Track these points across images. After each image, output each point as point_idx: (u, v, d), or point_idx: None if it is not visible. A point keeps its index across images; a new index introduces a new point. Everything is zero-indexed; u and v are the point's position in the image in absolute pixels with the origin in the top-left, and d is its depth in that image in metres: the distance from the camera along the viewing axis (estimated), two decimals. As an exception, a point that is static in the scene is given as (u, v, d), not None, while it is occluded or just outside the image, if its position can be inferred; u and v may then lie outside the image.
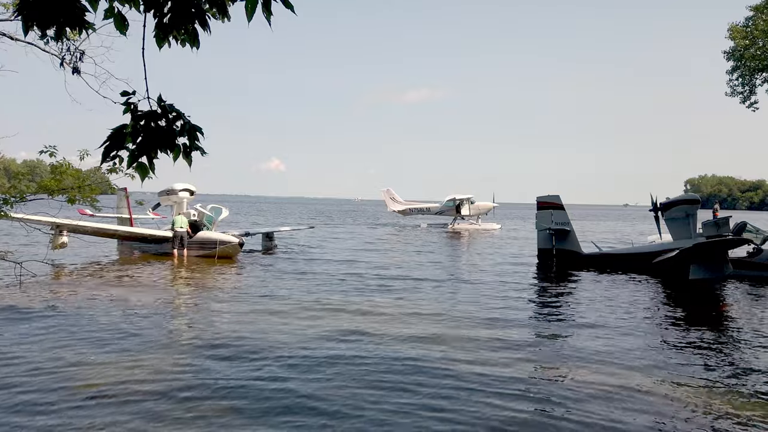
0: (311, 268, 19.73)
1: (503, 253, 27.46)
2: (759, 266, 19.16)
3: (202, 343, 9.48)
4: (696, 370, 8.66)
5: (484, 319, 11.96)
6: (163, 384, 7.39)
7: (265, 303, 13.16)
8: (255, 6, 3.01)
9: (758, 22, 23.93)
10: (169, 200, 23.16)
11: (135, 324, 10.80)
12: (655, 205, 20.85)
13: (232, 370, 7.98)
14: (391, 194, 52.73)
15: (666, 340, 10.67)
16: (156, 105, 3.09)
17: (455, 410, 6.71)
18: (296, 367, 8.16)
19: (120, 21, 3.28)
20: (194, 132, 3.13)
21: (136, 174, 3.11)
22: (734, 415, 6.80)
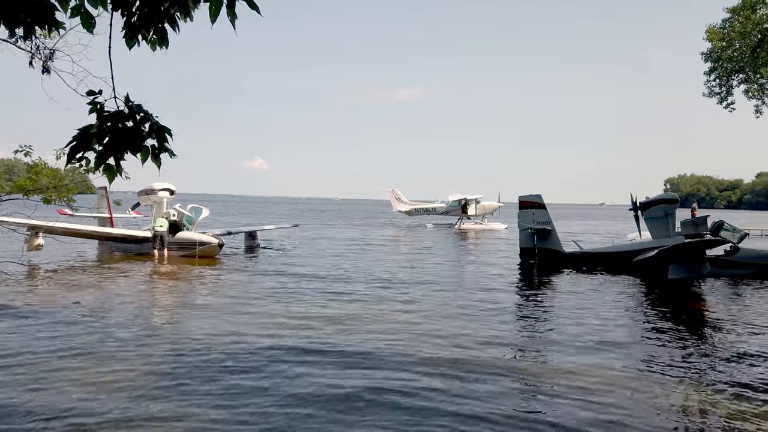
0: (293, 269, 19.32)
1: (493, 252, 27.58)
2: (736, 264, 19.48)
3: (176, 347, 9.27)
4: (675, 366, 8.75)
5: (465, 317, 11.99)
6: (135, 388, 7.27)
7: (242, 307, 12.68)
8: (219, 8, 2.95)
9: (735, 24, 24.32)
10: (149, 200, 22.91)
11: (108, 327, 10.61)
12: (634, 205, 21.09)
13: (205, 376, 7.81)
14: (397, 194, 52.69)
15: (644, 338, 10.77)
16: (123, 105, 3.01)
17: (433, 409, 6.70)
18: (267, 377, 8.00)
19: (87, 19, 3.20)
20: (163, 133, 3.07)
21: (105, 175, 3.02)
22: (711, 410, 6.88)
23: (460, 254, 26.85)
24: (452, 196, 49.32)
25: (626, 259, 19.94)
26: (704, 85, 26.28)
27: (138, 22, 3.12)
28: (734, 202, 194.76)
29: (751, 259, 19.77)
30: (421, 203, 53.05)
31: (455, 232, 42.89)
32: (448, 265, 21.68)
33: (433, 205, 51.28)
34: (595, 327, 11.42)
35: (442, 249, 28.87)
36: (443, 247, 30.01)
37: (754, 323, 12.16)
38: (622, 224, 50.40)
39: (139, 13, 3.13)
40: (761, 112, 25.72)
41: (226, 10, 3.06)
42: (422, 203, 52.99)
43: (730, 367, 8.79)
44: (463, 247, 31.03)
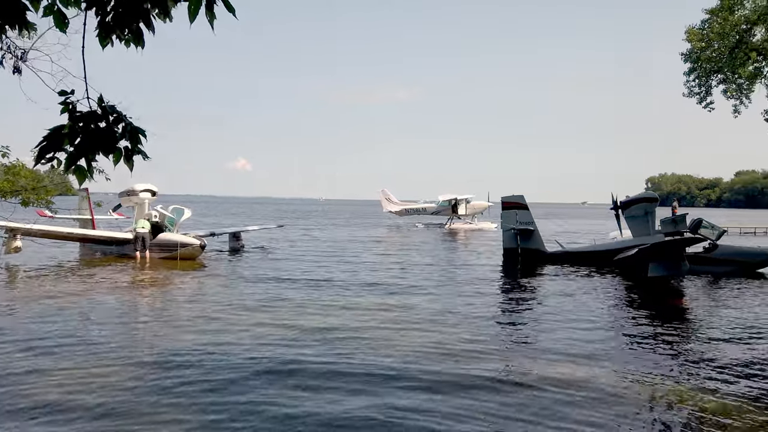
0: (277, 273, 18.82)
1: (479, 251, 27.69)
2: (714, 261, 19.78)
3: (155, 352, 9.12)
4: (654, 362, 8.85)
5: (446, 316, 12.02)
6: (114, 394, 7.17)
7: (223, 310, 12.32)
8: (198, 8, 2.92)
9: (713, 25, 24.67)
10: (130, 201, 22.64)
11: (88, 331, 10.47)
12: (615, 204, 21.33)
13: (184, 380, 7.68)
14: (387, 195, 52.72)
15: (625, 334, 10.89)
16: (97, 106, 2.96)
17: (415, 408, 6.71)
18: (245, 378, 7.95)
19: (60, 19, 3.15)
20: (137, 135, 3.02)
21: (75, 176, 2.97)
22: (690, 405, 6.97)
23: (448, 255, 26.82)
24: (442, 196, 49.52)
25: (608, 258, 20.16)
26: (684, 86, 26.69)
27: (112, 22, 3.07)
28: (714, 200, 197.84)
29: (730, 256, 20.09)
30: (411, 203, 53.11)
31: (445, 232, 42.96)
32: (435, 267, 21.45)
33: (423, 205, 51.40)
34: (577, 325, 11.51)
35: (430, 250, 28.80)
36: (431, 248, 29.93)
37: (732, 319, 12.35)
38: (603, 222, 50.87)
39: (114, 13, 3.08)
40: (739, 111, 26.16)
41: (204, 10, 3.03)
42: (412, 203, 53.04)
43: (708, 362, 8.91)
44: (451, 248, 31.02)
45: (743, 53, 23.72)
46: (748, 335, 10.89)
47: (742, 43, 23.82)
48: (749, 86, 25.46)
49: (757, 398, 7.33)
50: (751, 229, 44.75)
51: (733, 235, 34.98)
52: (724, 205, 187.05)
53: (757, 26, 23.76)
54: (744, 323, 11.97)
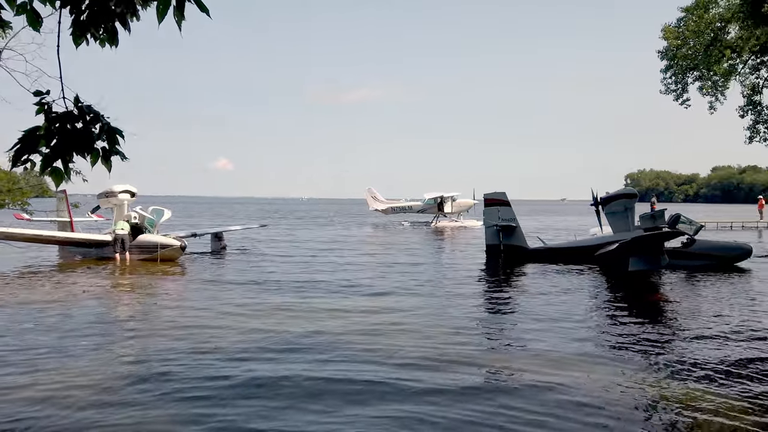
0: (261, 274, 18.33)
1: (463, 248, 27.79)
2: (692, 256, 20.12)
3: (132, 362, 8.77)
4: (634, 357, 8.99)
5: (430, 318, 12.06)
6: (86, 409, 7.04)
7: (203, 317, 11.65)
8: (167, 8, 2.89)
9: (689, 23, 25.10)
10: (109, 203, 22.33)
11: (62, 341, 10.25)
12: (595, 200, 21.57)
13: (161, 393, 7.52)
14: (373, 193, 52.63)
15: (606, 330, 11.03)
16: (73, 106, 2.92)
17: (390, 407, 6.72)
18: (231, 388, 7.89)
19: (33, 17, 3.09)
20: (114, 135, 2.98)
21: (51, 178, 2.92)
22: (669, 401, 7.08)
23: (433, 253, 26.76)
24: (428, 194, 49.65)
25: (589, 253, 20.38)
26: (661, 83, 27.11)
27: (87, 21, 3.03)
28: (691, 195, 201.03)
29: (707, 250, 20.45)
30: (397, 202, 53.13)
31: (431, 230, 43.03)
32: (420, 266, 21.05)
33: (409, 203, 51.44)
34: (560, 320, 11.62)
35: (415, 249, 28.54)
36: (417, 247, 29.73)
37: (709, 312, 12.58)
38: (582, 219, 51.38)
39: (89, 12, 3.04)
40: (715, 108, 26.65)
41: (173, 11, 2.99)
42: (398, 202, 53.06)
43: (688, 357, 9.07)
44: (437, 246, 31.02)
45: (718, 51, 24.17)
46: (726, 329, 11.09)
47: (717, 41, 24.27)
48: (724, 83, 25.98)
49: (737, 393, 7.47)
50: (727, 224, 45.57)
51: (710, 230, 35.59)
52: (701, 200, 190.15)
53: (732, 24, 24.23)
54: (721, 317, 12.18)
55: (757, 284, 16.90)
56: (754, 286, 16.65)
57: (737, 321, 11.68)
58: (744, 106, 26.47)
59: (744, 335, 10.47)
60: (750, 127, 26.33)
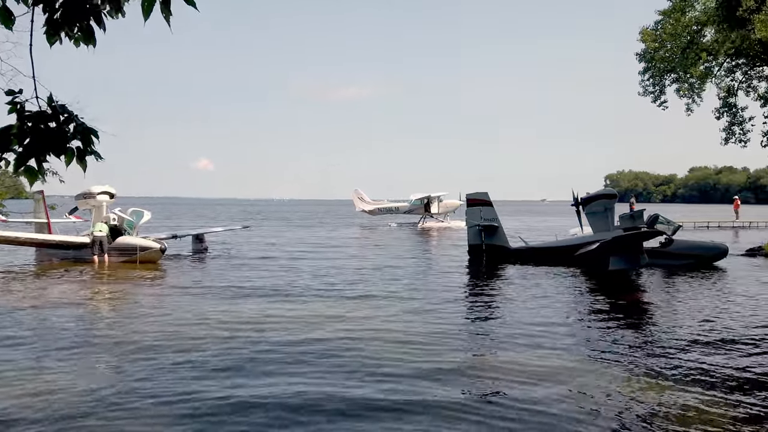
0: (243, 279, 17.42)
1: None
2: (670, 255, 20.46)
3: (104, 379, 8.30)
4: (613, 354, 9.09)
5: (414, 312, 12.09)
6: (67, 404, 6.96)
7: (182, 327, 10.85)
8: (153, 4, 2.85)
9: (666, 26, 25.53)
10: (87, 204, 21.99)
11: (41, 339, 10.12)
12: (576, 200, 21.80)
13: (132, 416, 7.42)
14: (359, 194, 52.44)
15: (587, 328, 11.16)
16: (46, 105, 2.87)
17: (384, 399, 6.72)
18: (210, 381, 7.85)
19: (6, 15, 3.03)
20: (88, 135, 2.93)
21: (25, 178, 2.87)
22: (646, 397, 7.18)
23: (420, 255, 26.44)
24: (414, 195, 49.68)
25: (569, 253, 20.59)
26: (639, 85, 27.56)
27: (61, 19, 2.98)
28: (669, 196, 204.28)
29: (685, 250, 20.81)
30: (384, 203, 53.04)
31: (418, 231, 43.04)
32: (405, 270, 20.46)
33: (396, 204, 51.40)
34: (542, 320, 11.71)
35: (402, 251, 28.17)
36: (404, 249, 29.46)
37: (687, 311, 12.79)
38: (563, 219, 51.82)
39: (63, 10, 2.99)
40: (692, 110, 27.15)
41: (160, 6, 2.96)
42: (385, 203, 52.97)
43: (667, 352, 9.21)
44: (424, 248, 30.80)
45: (694, 53, 24.65)
46: (703, 328, 11.28)
47: (693, 44, 24.75)
48: (700, 85, 26.51)
49: (712, 386, 7.60)
50: (704, 224, 46.38)
51: (688, 230, 36.14)
52: (679, 200, 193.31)
53: (707, 27, 24.73)
54: (699, 316, 12.38)
55: (733, 283, 17.22)
56: (729, 284, 16.96)
57: (714, 320, 11.88)
58: (720, 108, 27.04)
59: (720, 334, 10.65)
60: (726, 128, 26.90)
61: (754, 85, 26.76)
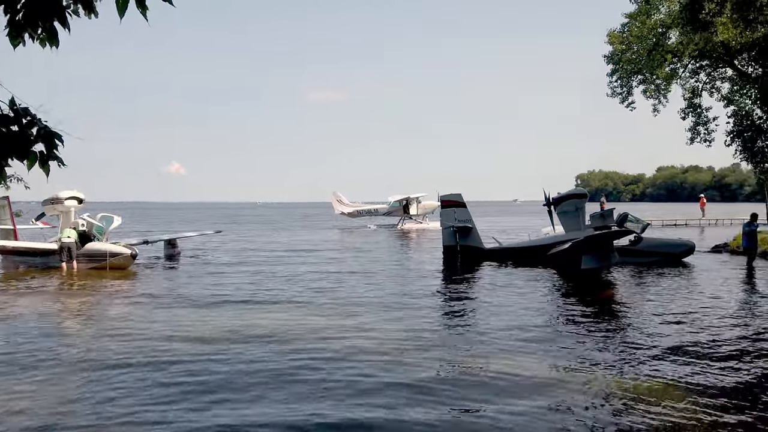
0: (216, 286, 16.69)
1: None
2: (640, 253, 20.90)
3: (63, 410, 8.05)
4: (588, 351, 9.23)
5: (390, 311, 12.09)
6: (39, 414, 6.78)
7: (151, 343, 9.99)
8: (127, 2, 2.80)
9: (632, 29, 26.08)
10: (55, 210, 21.46)
11: (8, 349, 9.83)
12: (548, 200, 22.09)
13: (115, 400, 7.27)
14: (338, 197, 52.18)
15: (562, 325, 11.30)
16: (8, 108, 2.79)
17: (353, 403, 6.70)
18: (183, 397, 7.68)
19: (-35, 16, 2.94)
20: (52, 139, 2.86)
21: None
22: (621, 393, 7.30)
23: (399, 257, 26.41)
24: (392, 197, 49.70)
25: (542, 253, 20.84)
26: (607, 86, 28.08)
27: (24, 20, 2.91)
28: (638, 195, 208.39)
29: (653, 247, 21.28)
30: (363, 205, 52.89)
31: (398, 233, 43.00)
32: (377, 274, 20.64)
33: (375, 206, 51.30)
34: (516, 318, 11.83)
35: (380, 253, 28.09)
36: (382, 251, 29.46)
37: (658, 305, 13.07)
38: (534, 219, 52.43)
39: (25, 11, 2.91)
40: (658, 110, 27.77)
41: (135, 3, 2.90)
42: (365, 205, 52.82)
43: (639, 348, 9.40)
44: (402, 250, 30.79)
45: (660, 55, 25.22)
46: (673, 321, 11.54)
47: (659, 46, 25.32)
48: (666, 86, 27.15)
49: (685, 380, 7.78)
50: (672, 222, 47.46)
51: (656, 228, 36.94)
52: (647, 199, 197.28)
53: (672, 30, 25.33)
54: (668, 310, 12.67)
55: (699, 278, 17.67)
56: (696, 279, 17.41)
57: (683, 313, 12.18)
58: (685, 109, 27.71)
59: (692, 325, 10.93)
60: (691, 128, 27.57)
61: (717, 86, 27.50)
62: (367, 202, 54.24)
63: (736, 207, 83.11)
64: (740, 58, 24.57)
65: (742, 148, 23.92)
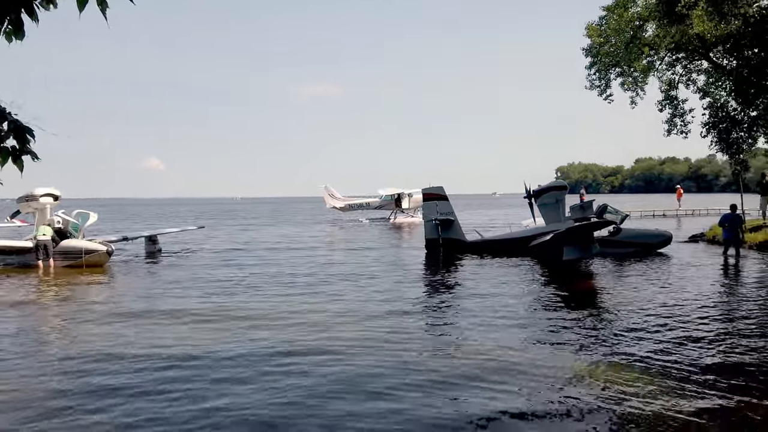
0: (199, 286, 15.63)
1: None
2: (619, 244, 21.17)
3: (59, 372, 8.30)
4: (567, 340, 9.33)
5: (372, 305, 12.09)
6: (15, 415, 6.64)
7: (123, 363, 8.61)
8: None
9: (610, 22, 26.29)
10: (30, 207, 20.99)
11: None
12: (528, 192, 22.26)
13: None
14: (330, 191, 51.67)
15: (542, 316, 11.38)
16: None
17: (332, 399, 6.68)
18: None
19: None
20: (23, 134, 2.78)
21: None
22: (600, 381, 7.38)
23: (390, 252, 26.46)
24: (383, 191, 49.53)
25: (524, 244, 21.02)
26: (586, 79, 28.30)
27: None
28: (617, 186, 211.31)
29: (632, 238, 21.57)
30: (355, 199, 52.55)
31: (390, 227, 42.90)
32: (363, 263, 21.09)
33: (366, 200, 51.02)
34: (498, 309, 11.90)
35: (371, 247, 27.85)
36: (373, 245, 29.28)
37: (637, 295, 13.26)
38: (514, 211, 52.73)
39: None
40: (636, 102, 28.08)
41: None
42: (356, 198, 52.47)
43: (619, 337, 9.52)
44: (394, 244, 30.71)
45: (637, 48, 25.47)
46: (652, 310, 11.71)
47: (636, 39, 25.56)
48: (644, 79, 27.44)
49: (663, 367, 7.90)
50: (650, 212, 48.19)
51: (635, 219, 37.48)
52: (626, 190, 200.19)
53: (649, 23, 25.59)
54: (647, 299, 12.86)
55: (676, 267, 17.96)
56: (673, 269, 17.70)
57: (661, 302, 12.37)
58: (662, 101, 28.05)
59: (671, 316, 11.08)
60: (668, 120, 27.93)
61: (693, 78, 27.88)
62: (351, 196, 53.91)
63: (712, 197, 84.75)
64: (715, 50, 24.95)
65: (718, 140, 24.33)
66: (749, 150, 25.66)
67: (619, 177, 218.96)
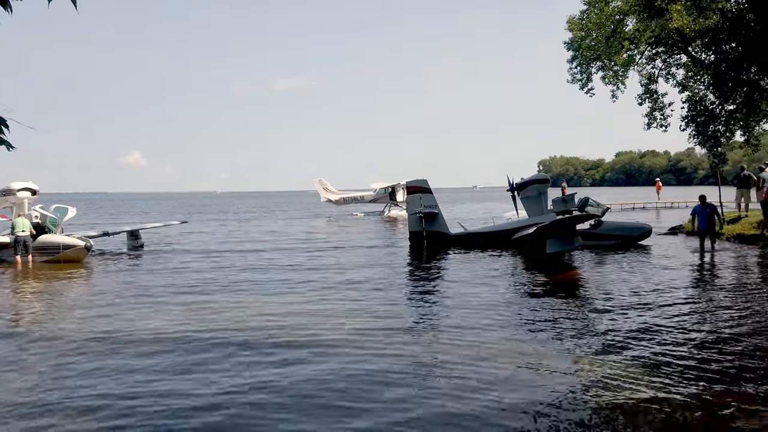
0: (182, 285, 14.94)
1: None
2: (600, 236, 21.43)
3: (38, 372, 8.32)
4: (551, 334, 9.42)
5: (356, 300, 12.10)
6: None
7: (110, 325, 9.75)
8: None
9: (591, 15, 26.47)
10: (7, 201, 20.63)
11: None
12: (511, 186, 22.39)
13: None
14: (324, 184, 51.27)
15: (524, 309, 11.47)
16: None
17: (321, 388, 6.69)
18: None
19: None
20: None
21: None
22: (584, 373, 7.48)
23: (369, 242, 26.64)
24: (375, 184, 49.40)
25: (507, 237, 21.15)
26: (567, 72, 28.49)
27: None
28: (598, 179, 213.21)
29: (613, 231, 21.84)
30: (349, 192, 52.27)
31: (385, 219, 42.79)
32: (368, 272, 21.08)
33: (361, 193, 50.82)
34: (481, 300, 11.99)
35: (363, 240, 27.99)
36: (367, 237, 29.31)
37: (619, 286, 13.44)
38: (495, 204, 53.06)
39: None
40: (617, 96, 28.35)
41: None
42: (351, 192, 52.19)
43: (602, 325, 9.64)
44: (387, 236, 30.65)
45: (618, 42, 25.66)
46: (634, 301, 11.87)
47: (617, 33, 25.76)
48: (624, 73, 27.70)
49: (647, 360, 8.02)
50: (630, 205, 48.80)
51: (616, 211, 37.90)
52: (607, 183, 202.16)
53: (629, 17, 25.81)
54: (628, 290, 13.03)
55: (656, 259, 18.22)
56: (653, 260, 17.95)
57: (642, 293, 12.55)
58: (642, 95, 28.35)
59: (651, 306, 11.26)
60: (648, 114, 28.24)
61: (672, 72, 28.20)
62: (342, 190, 53.60)
63: (691, 190, 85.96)
64: (694, 45, 25.24)
65: (696, 133, 24.64)
66: (727, 143, 26.04)
67: (600, 170, 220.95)
